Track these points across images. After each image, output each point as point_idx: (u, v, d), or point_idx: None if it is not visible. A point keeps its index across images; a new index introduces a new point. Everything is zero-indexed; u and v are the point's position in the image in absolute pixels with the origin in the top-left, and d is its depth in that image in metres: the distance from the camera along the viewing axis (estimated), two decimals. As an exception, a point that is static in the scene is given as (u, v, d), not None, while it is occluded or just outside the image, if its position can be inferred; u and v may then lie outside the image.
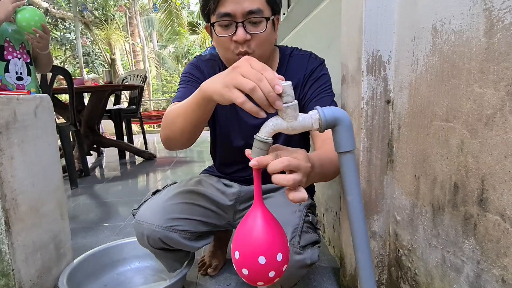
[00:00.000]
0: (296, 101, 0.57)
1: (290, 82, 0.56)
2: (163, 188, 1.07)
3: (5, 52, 1.53)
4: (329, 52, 1.33)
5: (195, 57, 1.02)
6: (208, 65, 0.97)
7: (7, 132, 0.91)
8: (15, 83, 1.57)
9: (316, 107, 0.59)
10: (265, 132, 0.57)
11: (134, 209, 1.01)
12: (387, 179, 0.86)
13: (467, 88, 0.58)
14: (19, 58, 1.58)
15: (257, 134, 0.58)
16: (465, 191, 0.60)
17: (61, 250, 1.17)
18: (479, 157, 0.56)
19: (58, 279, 1.09)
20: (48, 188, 1.11)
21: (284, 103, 0.56)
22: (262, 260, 0.60)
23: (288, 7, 2.40)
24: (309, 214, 0.89)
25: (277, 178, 0.54)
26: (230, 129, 1.00)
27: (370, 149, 0.84)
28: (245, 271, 0.63)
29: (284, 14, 2.52)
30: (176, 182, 1.08)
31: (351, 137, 0.61)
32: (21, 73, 1.59)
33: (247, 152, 0.59)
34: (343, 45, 0.95)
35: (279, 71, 0.91)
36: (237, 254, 0.63)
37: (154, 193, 1.05)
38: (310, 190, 1.13)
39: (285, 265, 0.63)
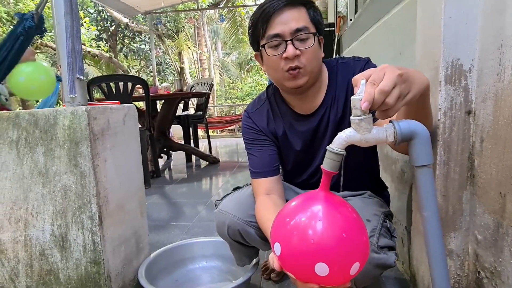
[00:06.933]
0: (370, 115, 0.57)
1: (360, 96, 0.56)
2: (243, 186, 1.12)
3: None
4: (401, 59, 1.29)
5: (244, 113, 1.06)
6: (256, 115, 1.02)
7: (102, 138, 1.04)
8: None
9: (392, 120, 0.59)
10: (338, 144, 0.58)
11: (217, 200, 1.09)
12: (467, 195, 0.81)
13: None
14: None
15: (329, 145, 0.59)
16: (562, 213, 0.54)
17: (140, 245, 1.29)
18: None
19: (137, 270, 1.21)
20: (131, 188, 1.24)
21: (357, 116, 0.56)
22: (322, 269, 0.41)
23: (355, 13, 2.36)
24: (386, 220, 0.89)
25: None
26: (290, 139, 1.01)
27: (447, 162, 0.80)
28: (291, 275, 0.48)
29: (350, 20, 2.48)
30: None
31: (429, 151, 0.60)
32: None
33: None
34: (418, 53, 0.91)
35: (330, 83, 0.94)
36: (277, 248, 0.46)
37: (235, 189, 1.11)
38: (385, 199, 1.09)
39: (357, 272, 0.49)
